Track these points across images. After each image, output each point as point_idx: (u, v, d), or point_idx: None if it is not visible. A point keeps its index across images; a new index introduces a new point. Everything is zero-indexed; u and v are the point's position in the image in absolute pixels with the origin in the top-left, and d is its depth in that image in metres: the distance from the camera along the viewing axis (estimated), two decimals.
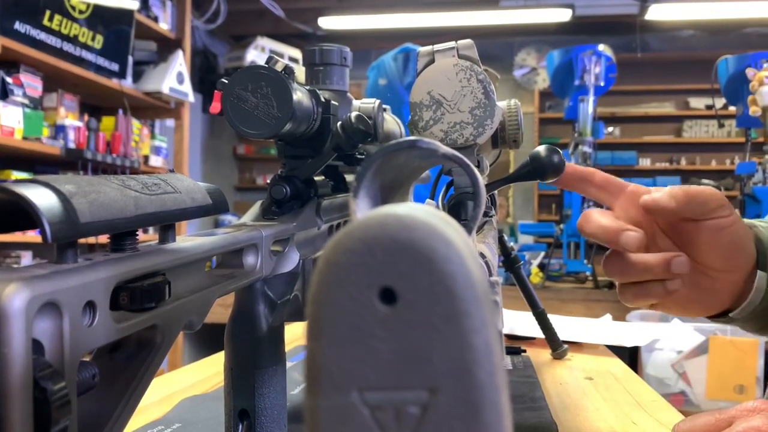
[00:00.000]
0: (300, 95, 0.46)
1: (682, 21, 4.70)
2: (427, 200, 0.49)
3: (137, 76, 2.81)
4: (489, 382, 0.13)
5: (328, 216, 0.54)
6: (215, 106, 0.46)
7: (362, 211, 0.20)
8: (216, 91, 0.45)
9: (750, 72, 3.32)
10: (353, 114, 0.49)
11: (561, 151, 0.48)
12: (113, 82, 2.57)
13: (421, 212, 0.14)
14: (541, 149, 0.48)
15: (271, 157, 5.45)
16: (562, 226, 3.28)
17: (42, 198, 0.22)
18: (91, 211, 0.23)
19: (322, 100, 0.52)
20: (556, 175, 0.48)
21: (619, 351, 0.97)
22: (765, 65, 3.27)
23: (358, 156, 0.66)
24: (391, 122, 0.71)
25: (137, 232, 0.28)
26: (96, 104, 2.78)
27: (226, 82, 0.45)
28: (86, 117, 2.51)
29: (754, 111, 3.93)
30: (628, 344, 0.97)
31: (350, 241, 0.14)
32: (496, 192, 0.59)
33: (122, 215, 0.25)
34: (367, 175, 0.20)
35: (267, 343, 0.43)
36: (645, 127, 5.42)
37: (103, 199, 0.24)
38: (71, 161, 2.38)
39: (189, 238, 0.34)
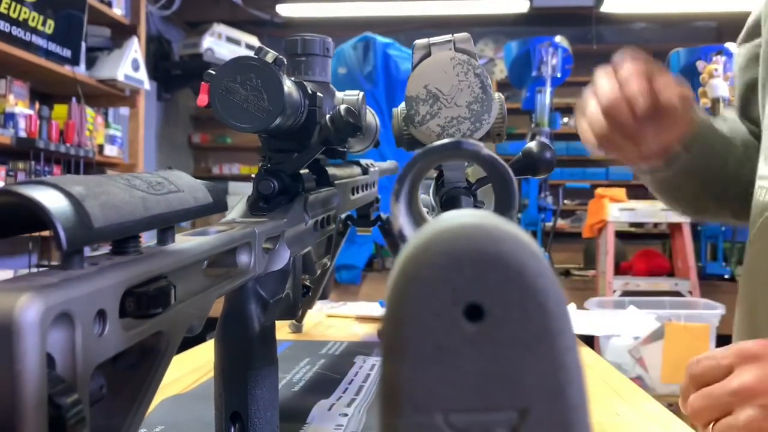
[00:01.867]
0: (289, 87, 0.45)
1: (636, 14, 4.80)
2: (421, 195, 0.48)
3: (90, 63, 2.72)
4: (581, 402, 0.13)
5: (313, 211, 0.53)
6: (202, 99, 0.44)
7: (402, 214, 0.19)
8: (203, 82, 0.44)
9: (700, 65, 3.41)
10: (343, 107, 0.48)
11: (553, 147, 0.48)
12: (66, 69, 2.48)
13: (502, 222, 0.13)
14: (533, 145, 0.48)
15: (227, 147, 5.35)
16: (519, 215, 3.33)
17: (53, 201, 0.20)
18: (104, 214, 0.22)
19: (309, 92, 0.51)
20: (548, 171, 0.48)
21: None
22: (714, 58, 3.36)
23: (341, 149, 0.65)
24: (368, 114, 0.70)
25: (140, 234, 0.27)
26: (47, 92, 2.68)
27: (214, 73, 0.43)
28: (37, 105, 2.42)
29: (704, 103, 4.04)
30: (600, 333, 0.99)
31: (434, 254, 0.13)
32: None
33: (132, 217, 0.24)
34: (409, 177, 0.19)
35: (259, 344, 0.42)
36: None
37: (113, 201, 0.23)
38: (23, 151, 2.29)
39: (186, 239, 0.32)
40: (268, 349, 0.43)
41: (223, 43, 4.11)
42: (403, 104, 0.50)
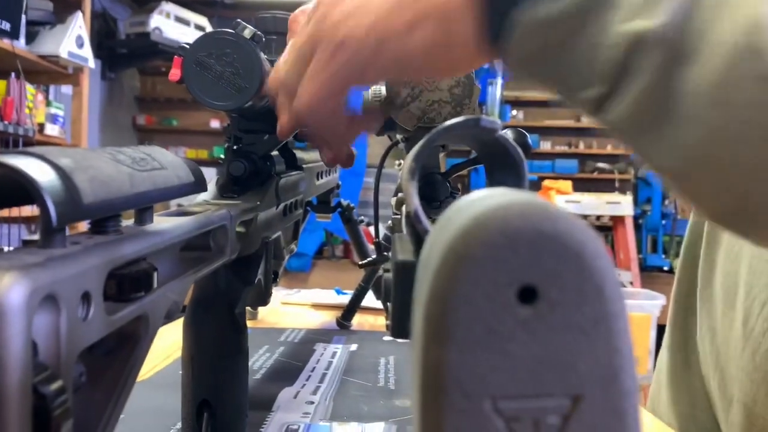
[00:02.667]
0: (267, 65, 0.44)
1: None
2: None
3: (31, 38, 2.60)
4: (633, 388, 0.12)
5: (284, 195, 0.51)
6: (174, 73, 0.42)
7: (416, 194, 0.19)
8: (176, 56, 0.42)
9: None
10: None
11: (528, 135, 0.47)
12: (5, 43, 2.36)
13: (548, 202, 0.13)
14: (509, 132, 0.47)
15: (173, 129, 5.22)
16: None
17: (42, 174, 0.19)
18: (93, 189, 0.20)
19: None
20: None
21: None
22: None
23: None
24: None
25: (121, 213, 0.25)
26: None
27: (188, 47, 0.41)
28: None
29: None
30: None
31: (487, 233, 0.12)
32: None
33: (121, 194, 0.22)
34: (424, 155, 0.18)
35: (231, 331, 0.41)
36: (546, 111, 5.62)
37: (101, 176, 0.21)
38: None
39: (164, 219, 0.31)
40: (239, 336, 0.42)
41: (172, 23, 3.98)
42: (374, 87, 0.49)
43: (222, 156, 0.48)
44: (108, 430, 0.25)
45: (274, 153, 0.52)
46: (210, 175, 0.47)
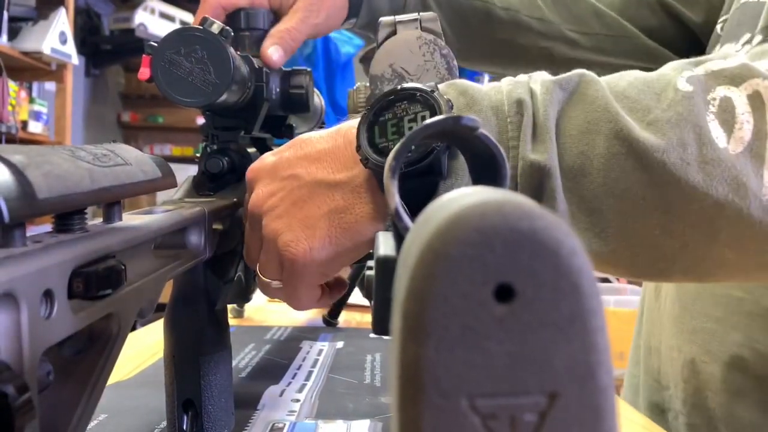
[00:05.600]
0: (237, 60, 0.43)
1: None
2: None
3: (13, 34, 2.57)
4: (609, 385, 0.12)
5: None
6: (143, 72, 0.41)
7: (397, 193, 0.18)
8: (144, 55, 0.41)
9: None
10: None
11: None
12: None
13: (526, 200, 0.13)
14: None
15: (158, 126, 5.18)
16: None
17: None
18: (48, 184, 0.20)
19: (256, 67, 0.49)
20: None
21: None
22: None
23: (289, 126, 0.63)
24: (315, 95, 0.68)
25: (86, 210, 0.25)
26: None
27: (156, 45, 0.41)
28: None
29: None
30: None
31: (463, 231, 0.12)
32: None
33: (79, 189, 0.22)
34: (405, 152, 0.18)
35: (211, 328, 0.40)
36: None
37: (57, 171, 0.21)
38: None
39: (134, 217, 0.30)
40: (221, 333, 0.41)
41: (157, 19, 3.95)
42: (358, 84, 0.48)
43: (198, 154, 0.47)
44: (80, 429, 0.24)
45: (252, 149, 0.51)
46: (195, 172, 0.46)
